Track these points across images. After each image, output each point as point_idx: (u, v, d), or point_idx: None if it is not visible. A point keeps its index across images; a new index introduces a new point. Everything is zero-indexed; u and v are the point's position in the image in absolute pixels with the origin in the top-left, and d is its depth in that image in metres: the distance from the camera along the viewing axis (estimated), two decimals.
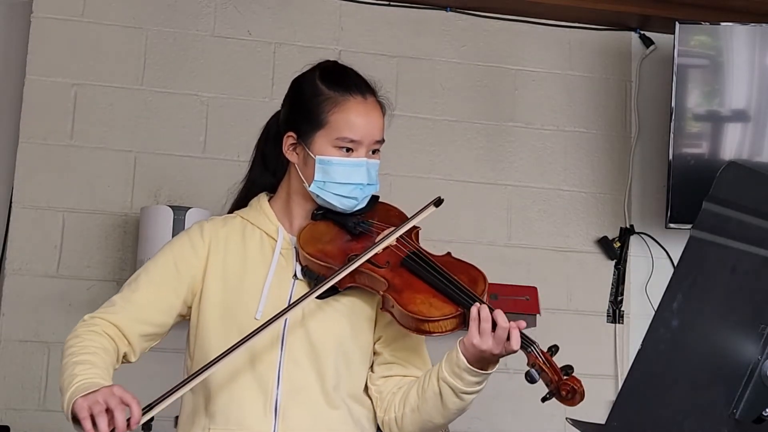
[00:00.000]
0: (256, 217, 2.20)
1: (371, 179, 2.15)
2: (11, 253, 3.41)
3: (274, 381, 2.07)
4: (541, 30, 3.93)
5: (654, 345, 1.54)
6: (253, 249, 2.16)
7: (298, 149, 2.16)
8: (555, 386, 1.94)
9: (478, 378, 2.02)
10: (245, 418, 2.06)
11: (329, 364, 2.09)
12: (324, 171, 2.11)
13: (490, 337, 1.96)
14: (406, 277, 2.07)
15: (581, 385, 1.94)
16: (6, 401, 3.32)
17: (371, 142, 2.14)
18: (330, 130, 2.11)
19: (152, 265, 2.18)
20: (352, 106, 2.13)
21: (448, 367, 2.03)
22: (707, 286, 1.57)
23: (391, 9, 3.83)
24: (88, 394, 1.92)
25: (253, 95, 3.66)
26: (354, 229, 2.16)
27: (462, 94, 3.84)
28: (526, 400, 3.84)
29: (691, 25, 3.69)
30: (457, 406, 2.05)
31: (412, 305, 2.02)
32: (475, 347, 1.98)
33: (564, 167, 3.89)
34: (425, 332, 2.03)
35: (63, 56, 3.54)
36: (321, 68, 2.23)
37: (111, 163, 3.52)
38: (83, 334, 2.12)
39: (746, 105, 3.70)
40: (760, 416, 1.62)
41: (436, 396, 2.05)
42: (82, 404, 1.90)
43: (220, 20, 3.69)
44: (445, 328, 2.02)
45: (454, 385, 2.03)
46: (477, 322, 1.97)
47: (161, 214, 3.28)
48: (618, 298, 3.84)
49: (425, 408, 2.08)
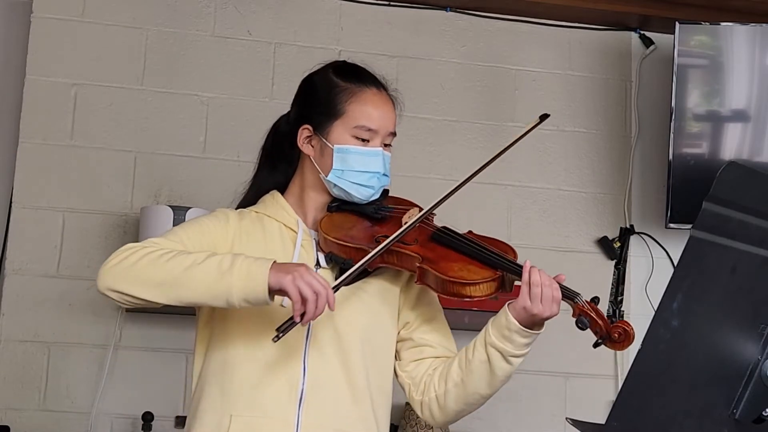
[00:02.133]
0: (273, 211, 2.20)
1: (386, 169, 2.18)
2: (11, 253, 3.41)
3: (300, 371, 2.06)
4: (541, 30, 3.93)
5: (654, 345, 1.54)
6: (273, 241, 2.15)
7: (314, 141, 2.18)
8: (606, 332, 2.01)
9: (527, 339, 2.06)
10: (270, 407, 2.05)
11: (356, 356, 2.10)
12: (342, 159, 2.14)
13: (540, 301, 2.01)
14: (439, 250, 2.11)
15: (632, 327, 2.00)
16: (6, 401, 3.32)
17: (386, 133, 2.19)
18: (348, 119, 2.15)
19: (194, 222, 2.15)
20: (369, 96, 2.18)
21: (496, 331, 2.06)
22: (707, 286, 1.57)
23: (391, 9, 3.83)
24: (287, 271, 1.93)
25: (253, 95, 3.66)
26: (375, 213, 2.19)
27: (462, 94, 3.84)
28: (526, 400, 3.85)
29: (691, 25, 3.69)
30: (505, 372, 2.08)
31: (451, 272, 2.05)
32: (526, 311, 2.02)
33: (564, 167, 3.88)
34: (466, 296, 2.05)
35: (63, 56, 3.54)
36: (333, 65, 2.28)
37: (111, 163, 3.52)
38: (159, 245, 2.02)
39: (746, 105, 3.70)
40: (760, 416, 1.62)
41: (484, 364, 2.07)
42: (293, 283, 1.91)
43: (220, 20, 3.69)
44: (486, 291, 2.06)
45: (503, 349, 2.05)
46: (528, 286, 2.01)
47: (161, 214, 3.28)
48: (618, 298, 3.84)
49: (471, 379, 2.09)
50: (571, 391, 3.75)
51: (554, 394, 3.74)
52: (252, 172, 2.33)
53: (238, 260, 1.96)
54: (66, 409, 3.32)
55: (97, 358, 3.38)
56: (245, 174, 2.34)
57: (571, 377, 3.74)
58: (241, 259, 1.96)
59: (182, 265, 1.96)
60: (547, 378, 3.72)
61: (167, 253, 1.98)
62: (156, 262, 1.97)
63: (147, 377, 3.43)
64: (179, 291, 1.97)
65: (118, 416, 3.37)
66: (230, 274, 1.94)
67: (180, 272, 1.96)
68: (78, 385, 3.36)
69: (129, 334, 3.42)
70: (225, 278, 1.94)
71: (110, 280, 2.02)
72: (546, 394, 3.74)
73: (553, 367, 3.72)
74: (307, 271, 1.94)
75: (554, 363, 3.71)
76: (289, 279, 1.92)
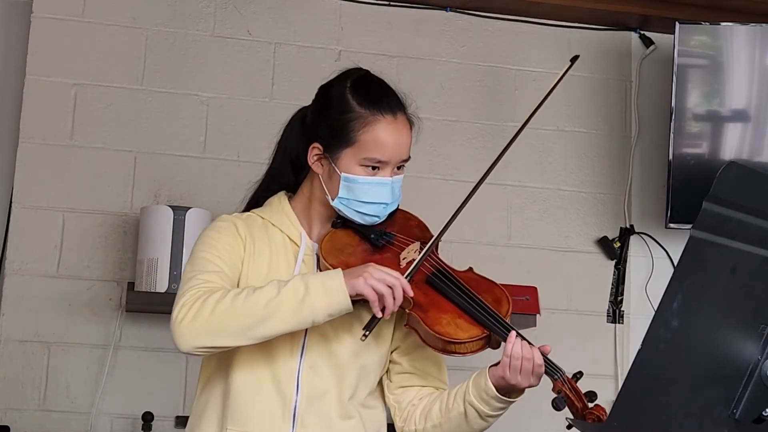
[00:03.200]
0: (279, 220, 2.18)
1: (394, 197, 2.15)
2: (11, 253, 3.41)
3: (293, 387, 2.07)
4: (541, 30, 3.93)
5: (654, 345, 1.53)
6: (277, 252, 2.15)
7: (324, 162, 2.14)
8: (580, 414, 2.01)
9: (504, 405, 2.10)
10: (263, 422, 2.06)
11: (349, 372, 2.11)
12: (349, 189, 2.11)
13: (518, 374, 2.04)
14: (432, 296, 2.09)
15: (606, 413, 1.98)
16: (6, 401, 3.32)
17: (398, 161, 2.15)
18: (358, 150, 2.10)
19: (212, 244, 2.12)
20: (383, 126, 2.11)
21: (476, 392, 2.08)
22: (707, 286, 1.57)
23: (391, 9, 3.82)
24: (357, 274, 1.98)
25: (253, 95, 3.66)
26: (376, 241, 2.16)
27: (462, 94, 3.84)
28: (526, 400, 3.83)
29: (691, 25, 3.69)
30: (480, 427, 2.12)
31: (438, 326, 2.04)
32: (504, 380, 2.05)
33: (564, 167, 3.88)
34: (450, 353, 2.07)
35: (63, 56, 3.54)
36: (353, 79, 2.19)
37: (111, 163, 3.52)
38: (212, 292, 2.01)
39: (746, 105, 3.70)
40: (760, 416, 1.62)
41: (461, 416, 2.10)
42: (366, 284, 1.96)
43: (220, 20, 3.69)
44: (471, 349, 2.07)
45: (480, 409, 2.08)
46: (509, 358, 2.02)
47: (161, 214, 3.28)
48: (618, 298, 3.84)
49: (449, 426, 2.13)
50: None
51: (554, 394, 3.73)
52: (265, 167, 2.31)
53: (310, 281, 1.99)
54: (66, 409, 3.31)
55: (97, 358, 3.38)
56: (245, 174, 2.34)
57: None
58: (311, 279, 1.99)
59: (259, 304, 1.97)
60: (547, 378, 3.72)
61: (237, 296, 1.98)
62: (231, 308, 1.97)
63: (147, 377, 3.42)
64: (265, 329, 1.98)
65: (118, 416, 3.37)
66: (309, 297, 1.96)
67: (261, 312, 1.97)
68: (78, 385, 3.36)
69: (129, 334, 3.42)
70: (306, 302, 1.96)
71: (193, 338, 2.00)
72: (546, 394, 3.74)
73: None
74: (375, 269, 1.98)
75: None
76: (361, 282, 1.96)
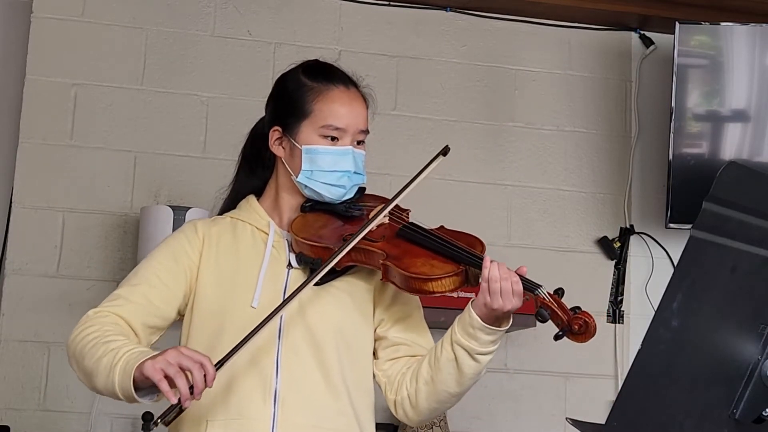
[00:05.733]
0: (246, 215, 2.21)
1: (358, 168, 2.17)
2: (11, 253, 3.41)
3: (273, 370, 2.06)
4: (541, 30, 3.93)
5: (654, 345, 1.53)
6: (245, 244, 2.17)
7: (284, 142, 2.19)
8: (566, 323, 1.95)
9: (492, 336, 2.03)
10: (245, 408, 2.05)
11: (330, 352, 2.09)
12: (311, 160, 2.14)
13: (500, 296, 1.97)
14: (404, 246, 2.10)
15: (593, 318, 1.95)
16: (6, 401, 3.32)
17: (356, 131, 2.17)
18: (315, 119, 2.15)
19: (151, 259, 2.18)
20: (336, 94, 2.17)
21: (462, 329, 2.04)
22: (707, 286, 1.57)
23: (391, 9, 3.83)
24: (155, 357, 1.87)
25: (253, 95, 3.65)
26: (346, 212, 2.18)
27: (462, 94, 3.84)
28: (526, 400, 3.85)
29: (691, 25, 3.69)
30: (473, 370, 2.05)
31: (413, 267, 2.04)
32: (486, 307, 1.99)
33: (564, 167, 3.89)
34: (429, 292, 2.03)
35: (63, 56, 3.54)
36: (303, 65, 2.28)
37: (111, 163, 3.52)
38: (97, 323, 2.06)
39: (746, 105, 3.70)
40: (760, 416, 1.62)
41: (451, 362, 2.06)
42: (153, 367, 1.84)
43: (220, 20, 3.69)
44: (448, 287, 2.03)
45: (469, 347, 2.03)
46: (487, 282, 1.98)
47: (161, 214, 3.28)
48: (618, 298, 3.84)
49: (440, 377, 2.07)
50: (571, 391, 3.75)
51: (554, 394, 3.74)
52: (233, 174, 2.34)
53: (123, 357, 1.93)
54: (66, 409, 3.32)
55: None
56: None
57: (571, 377, 3.74)
58: (127, 356, 1.92)
59: (93, 357, 1.98)
60: (547, 378, 3.72)
61: (92, 340, 2.00)
62: (84, 349, 2.01)
63: None
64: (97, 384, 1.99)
65: (118, 416, 3.37)
66: (112, 372, 1.93)
67: (91, 366, 1.99)
68: (78, 385, 3.32)
69: None
70: (110, 376, 1.94)
71: (69, 358, 2.09)
72: (546, 394, 3.74)
73: (553, 367, 3.72)
74: (175, 351, 1.88)
75: (554, 363, 3.71)
76: (149, 364, 1.86)
